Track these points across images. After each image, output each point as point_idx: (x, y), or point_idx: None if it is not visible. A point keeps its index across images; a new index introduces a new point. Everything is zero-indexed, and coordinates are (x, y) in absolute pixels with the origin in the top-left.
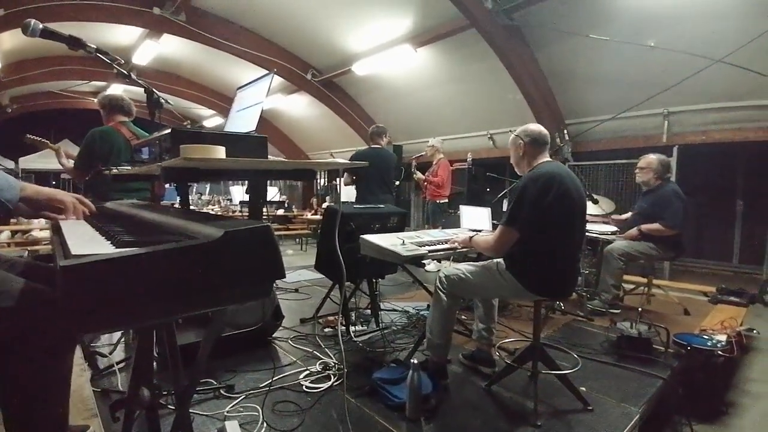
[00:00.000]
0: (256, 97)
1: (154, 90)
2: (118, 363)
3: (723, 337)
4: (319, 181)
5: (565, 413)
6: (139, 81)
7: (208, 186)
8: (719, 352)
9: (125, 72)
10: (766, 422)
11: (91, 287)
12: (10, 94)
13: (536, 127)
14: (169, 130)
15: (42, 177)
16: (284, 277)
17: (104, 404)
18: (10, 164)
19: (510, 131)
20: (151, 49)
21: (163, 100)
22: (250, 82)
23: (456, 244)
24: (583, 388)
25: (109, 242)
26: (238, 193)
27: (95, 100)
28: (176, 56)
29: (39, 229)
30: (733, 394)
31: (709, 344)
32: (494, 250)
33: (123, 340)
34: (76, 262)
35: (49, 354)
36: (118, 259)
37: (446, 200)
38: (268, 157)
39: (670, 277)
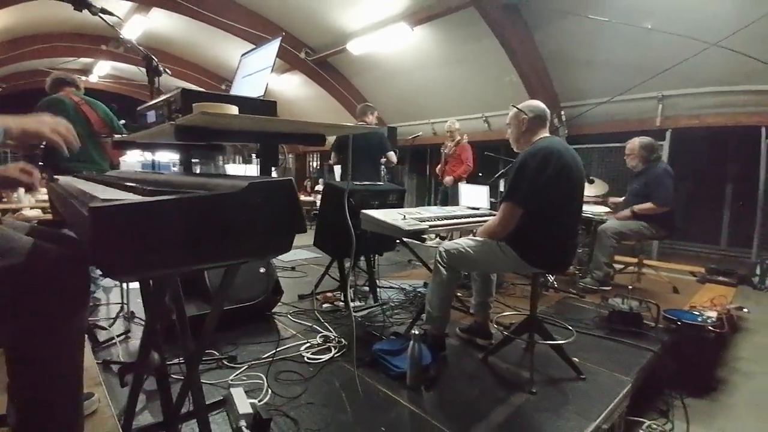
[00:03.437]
0: (264, 61)
1: (153, 57)
2: (118, 336)
3: (713, 314)
4: (311, 163)
5: (560, 381)
6: (139, 47)
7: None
8: (710, 328)
9: (126, 38)
10: (756, 401)
11: (121, 230)
12: None
13: (539, 103)
14: (179, 90)
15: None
16: (305, 231)
17: (106, 375)
18: None
19: (513, 106)
20: (139, 24)
21: (161, 68)
22: (255, 48)
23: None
24: (576, 359)
25: (132, 193)
26: (252, 173)
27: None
28: (165, 33)
29: (29, 207)
30: (724, 372)
31: (699, 320)
32: (501, 226)
33: (121, 313)
34: (106, 204)
35: (62, 311)
36: (148, 203)
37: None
38: None
39: (659, 258)
